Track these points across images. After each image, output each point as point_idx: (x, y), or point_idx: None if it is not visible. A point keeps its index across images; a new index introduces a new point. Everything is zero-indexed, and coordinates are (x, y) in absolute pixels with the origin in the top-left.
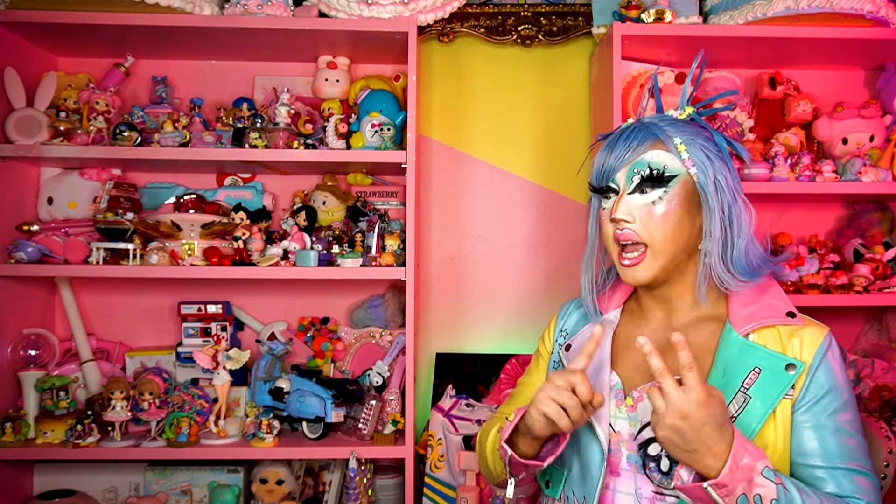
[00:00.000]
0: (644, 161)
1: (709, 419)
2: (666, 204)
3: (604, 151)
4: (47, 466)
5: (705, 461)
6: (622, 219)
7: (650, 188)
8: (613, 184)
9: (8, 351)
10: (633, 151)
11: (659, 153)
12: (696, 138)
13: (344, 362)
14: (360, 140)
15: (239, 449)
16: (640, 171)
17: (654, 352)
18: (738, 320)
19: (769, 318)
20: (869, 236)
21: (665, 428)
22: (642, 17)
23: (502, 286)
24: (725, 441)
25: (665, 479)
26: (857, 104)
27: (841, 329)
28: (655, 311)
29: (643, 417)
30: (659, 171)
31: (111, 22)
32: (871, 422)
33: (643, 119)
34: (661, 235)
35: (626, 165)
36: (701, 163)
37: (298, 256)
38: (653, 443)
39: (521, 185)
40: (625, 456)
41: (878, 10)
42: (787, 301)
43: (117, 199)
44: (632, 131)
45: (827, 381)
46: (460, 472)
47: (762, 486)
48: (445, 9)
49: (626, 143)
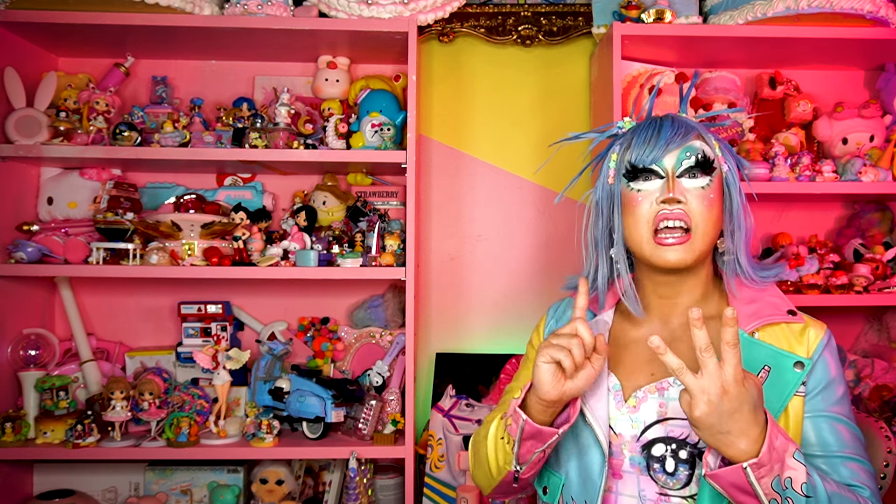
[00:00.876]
0: (694, 147)
1: (748, 398)
2: (713, 191)
3: (643, 136)
4: (47, 466)
5: (738, 444)
6: (678, 198)
7: (698, 173)
8: (658, 167)
9: (8, 351)
10: (683, 136)
11: (702, 144)
12: (720, 140)
13: (344, 362)
14: (360, 140)
15: (239, 449)
16: (692, 154)
17: (668, 350)
18: (742, 318)
19: (772, 315)
20: (869, 236)
21: (703, 406)
22: (642, 17)
23: (502, 286)
24: (759, 424)
25: (670, 480)
26: (857, 104)
27: (841, 329)
28: (656, 308)
29: (646, 418)
30: (708, 158)
31: (111, 22)
32: (871, 422)
33: (669, 114)
34: (706, 221)
35: (677, 149)
36: (728, 162)
37: (298, 256)
38: (657, 443)
39: (521, 185)
40: (627, 458)
41: (878, 10)
42: (786, 300)
43: (117, 199)
44: (672, 121)
45: (825, 376)
46: (460, 472)
47: (794, 469)
48: (445, 9)
49: (674, 129)
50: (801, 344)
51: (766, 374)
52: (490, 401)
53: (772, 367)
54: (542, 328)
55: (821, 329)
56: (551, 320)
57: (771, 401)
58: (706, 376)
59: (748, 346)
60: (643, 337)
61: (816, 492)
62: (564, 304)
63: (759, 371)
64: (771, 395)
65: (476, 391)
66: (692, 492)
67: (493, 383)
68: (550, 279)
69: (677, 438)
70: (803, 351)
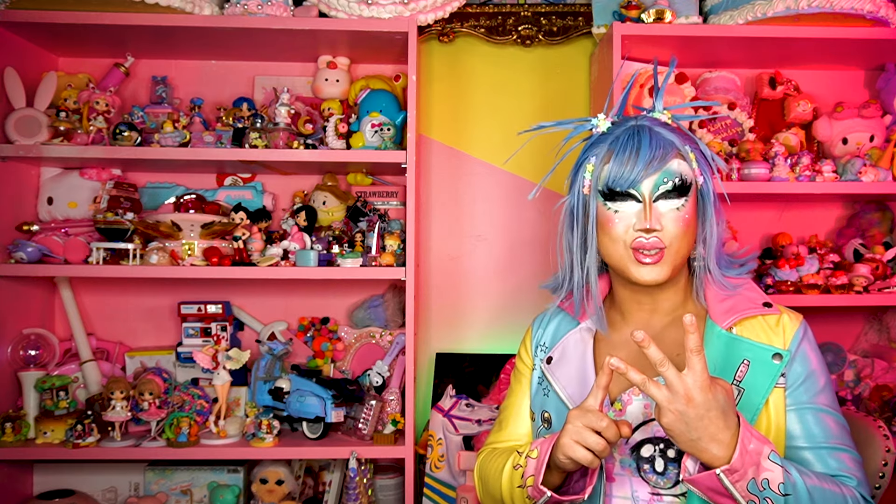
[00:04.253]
0: (671, 171)
1: (714, 404)
2: (688, 212)
3: (622, 156)
4: (47, 466)
5: (710, 450)
6: (655, 228)
7: (675, 196)
8: (636, 191)
9: (8, 351)
10: (661, 160)
11: (680, 162)
12: (694, 147)
13: (344, 362)
14: (360, 140)
15: (239, 449)
16: (669, 179)
17: (651, 343)
18: (719, 315)
19: (748, 309)
20: (869, 236)
21: (669, 414)
22: (642, 17)
23: (502, 286)
24: (730, 429)
25: (661, 479)
26: (857, 104)
27: (841, 329)
28: (636, 314)
29: (633, 421)
30: (685, 181)
31: (111, 22)
32: (870, 421)
33: (643, 122)
34: (680, 240)
35: (655, 173)
36: (704, 172)
37: (298, 256)
38: (645, 444)
39: (521, 185)
40: (618, 461)
41: (878, 10)
42: (761, 292)
43: (117, 199)
44: (651, 137)
45: (805, 367)
46: (460, 472)
47: (769, 471)
48: (445, 9)
49: (652, 150)
50: (777, 336)
51: (747, 369)
52: (490, 401)
53: (751, 361)
54: (528, 342)
55: (796, 320)
56: (538, 331)
57: (752, 395)
58: (670, 385)
59: (727, 343)
60: (626, 341)
61: (796, 489)
62: (548, 315)
63: (739, 366)
64: (752, 389)
65: (476, 391)
66: (684, 489)
67: (493, 383)
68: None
69: (664, 438)
70: (780, 342)
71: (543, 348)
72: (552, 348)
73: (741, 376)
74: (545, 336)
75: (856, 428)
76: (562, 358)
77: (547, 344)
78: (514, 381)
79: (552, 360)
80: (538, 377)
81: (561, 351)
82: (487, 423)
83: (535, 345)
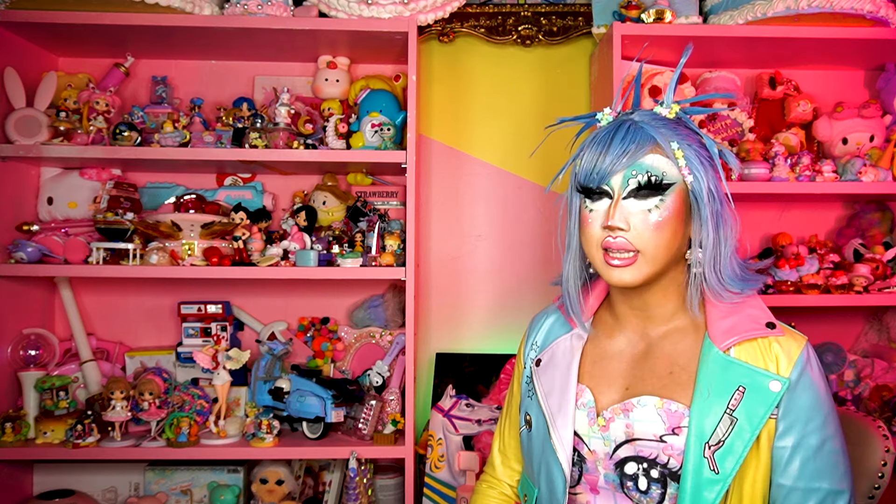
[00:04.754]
0: (643, 166)
1: None
2: (662, 212)
3: (594, 150)
4: (47, 466)
5: None
6: (618, 226)
7: (647, 194)
8: (607, 187)
9: (8, 351)
10: (632, 155)
11: (658, 158)
12: (692, 143)
13: (344, 362)
14: (360, 140)
15: (239, 449)
16: (638, 175)
17: None
18: (718, 334)
19: (749, 331)
20: (869, 236)
21: None
22: (642, 17)
23: (502, 286)
24: None
25: (644, 497)
26: (857, 104)
27: (841, 329)
28: (631, 320)
29: (616, 437)
30: (658, 178)
31: (111, 22)
32: (869, 421)
33: (633, 116)
34: (655, 244)
35: (623, 169)
36: (697, 170)
37: (298, 256)
38: (629, 462)
39: (521, 185)
40: (602, 475)
41: (878, 10)
42: (767, 311)
43: (117, 199)
44: (627, 130)
45: (808, 399)
46: (460, 472)
47: None
48: (445, 9)
49: (623, 144)
50: (779, 361)
51: (741, 397)
52: (490, 401)
53: (747, 388)
54: (523, 343)
55: (799, 345)
56: (534, 328)
57: (744, 427)
58: None
59: (723, 366)
60: (619, 350)
61: None
62: (547, 314)
63: (734, 393)
64: (745, 420)
65: (476, 391)
66: None
67: (493, 383)
68: (550, 279)
69: (647, 458)
70: (781, 369)
71: (535, 347)
72: (543, 350)
73: (735, 405)
74: (539, 335)
75: (855, 428)
76: (549, 363)
77: (539, 344)
78: (514, 382)
79: (540, 363)
80: (527, 376)
81: (549, 356)
82: (487, 423)
83: (529, 343)
